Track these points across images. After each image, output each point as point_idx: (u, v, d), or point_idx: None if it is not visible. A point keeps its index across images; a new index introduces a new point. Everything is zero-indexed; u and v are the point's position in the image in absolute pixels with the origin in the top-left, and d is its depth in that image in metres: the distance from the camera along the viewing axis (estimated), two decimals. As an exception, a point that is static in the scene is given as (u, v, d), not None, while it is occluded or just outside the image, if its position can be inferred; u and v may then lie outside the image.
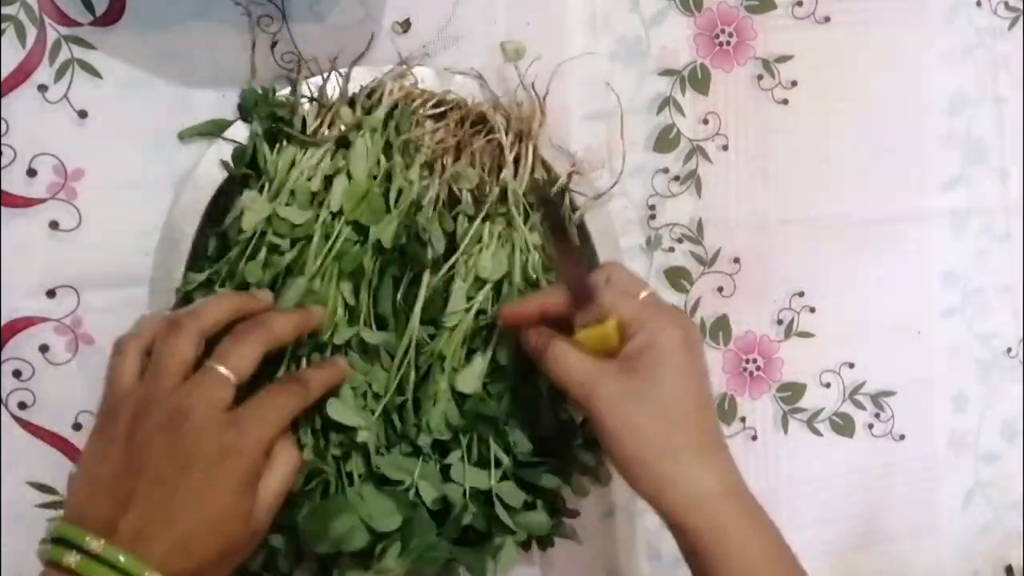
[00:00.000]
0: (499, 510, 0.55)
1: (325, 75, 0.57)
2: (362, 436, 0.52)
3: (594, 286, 0.49)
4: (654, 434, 0.46)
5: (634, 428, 0.46)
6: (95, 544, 0.40)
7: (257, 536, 0.45)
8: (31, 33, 0.54)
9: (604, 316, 0.48)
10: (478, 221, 0.57)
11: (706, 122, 0.66)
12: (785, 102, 0.68)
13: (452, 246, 0.58)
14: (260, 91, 0.56)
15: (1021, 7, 0.73)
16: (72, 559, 0.40)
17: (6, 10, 0.53)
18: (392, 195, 0.55)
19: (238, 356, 0.46)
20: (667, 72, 0.65)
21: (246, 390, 0.46)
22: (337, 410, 0.52)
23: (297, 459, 0.48)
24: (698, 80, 0.66)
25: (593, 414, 0.46)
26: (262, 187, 0.55)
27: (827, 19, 0.68)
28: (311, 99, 0.56)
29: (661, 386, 0.46)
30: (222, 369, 0.45)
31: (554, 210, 0.52)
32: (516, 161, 0.58)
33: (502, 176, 0.58)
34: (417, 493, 0.54)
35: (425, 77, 0.59)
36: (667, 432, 0.46)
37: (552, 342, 0.49)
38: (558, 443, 0.58)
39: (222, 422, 0.43)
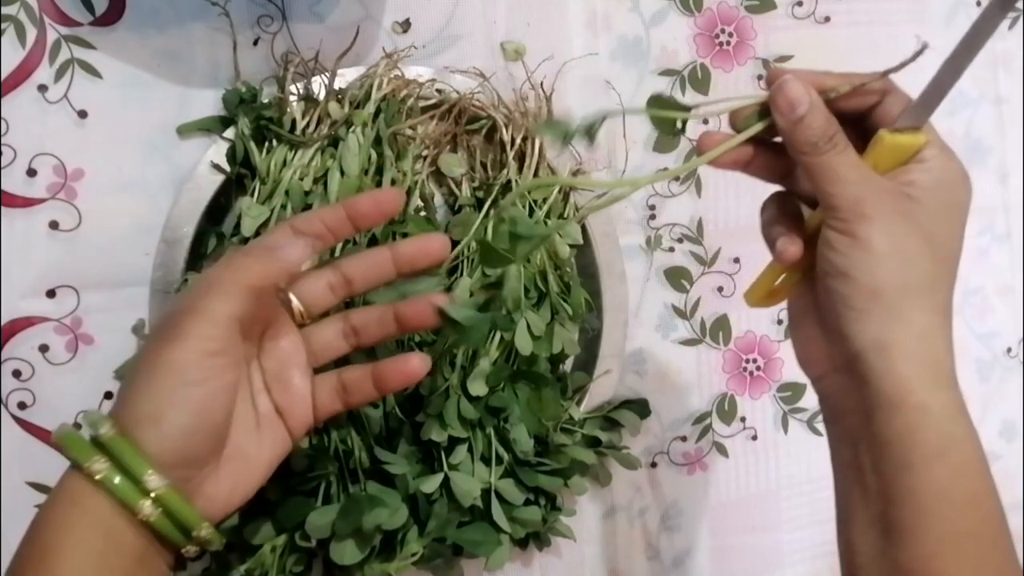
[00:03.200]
0: (495, 508, 0.55)
1: (327, 75, 0.57)
2: None
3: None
4: (921, 270, 0.39)
5: (905, 252, 0.38)
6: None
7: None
8: (31, 33, 0.54)
9: (917, 128, 0.41)
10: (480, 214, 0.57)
11: (706, 122, 0.66)
12: (785, 102, 0.68)
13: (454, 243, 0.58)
14: (244, 91, 0.56)
15: (1021, 7, 0.73)
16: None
17: (6, 10, 0.53)
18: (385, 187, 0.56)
19: None
20: (667, 72, 0.65)
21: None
22: None
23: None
24: (698, 80, 0.66)
25: (859, 225, 0.38)
26: (254, 188, 0.55)
27: (827, 19, 0.68)
28: (300, 97, 0.56)
29: (938, 224, 0.40)
30: None
31: None
32: (520, 158, 0.59)
33: (505, 171, 0.58)
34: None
35: (425, 77, 0.59)
36: (933, 274, 0.39)
37: (839, 136, 0.40)
38: (557, 444, 0.58)
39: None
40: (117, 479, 0.37)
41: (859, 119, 0.42)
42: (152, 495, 0.38)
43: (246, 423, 0.43)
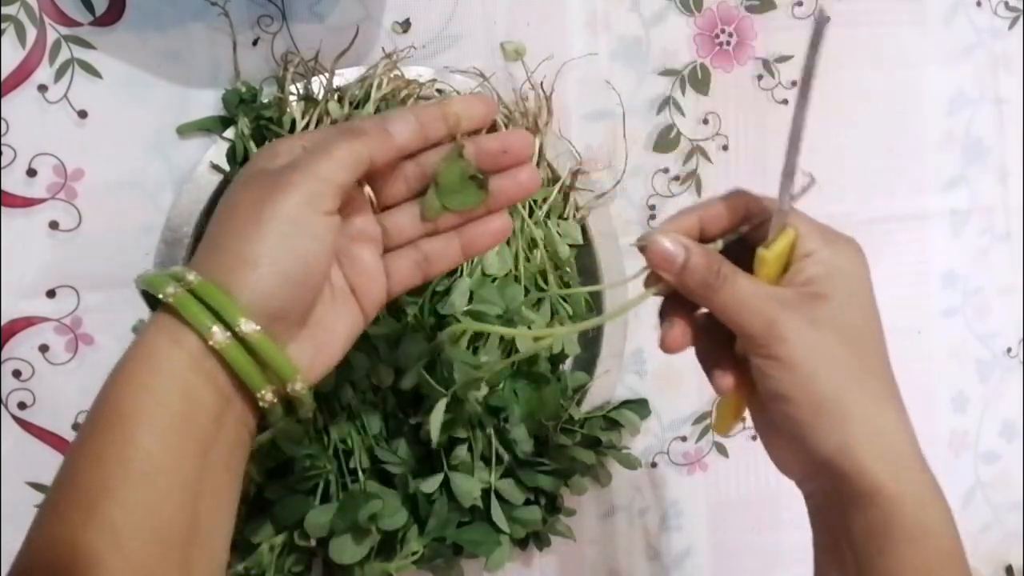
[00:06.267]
0: (494, 508, 0.55)
1: (327, 75, 0.57)
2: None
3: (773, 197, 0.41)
4: (851, 369, 0.39)
5: (830, 360, 0.39)
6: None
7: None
8: (31, 33, 0.54)
9: (781, 228, 0.41)
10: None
11: (706, 122, 0.66)
12: (785, 102, 0.68)
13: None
14: (244, 91, 0.56)
15: (1021, 7, 0.73)
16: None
17: (6, 10, 0.53)
18: None
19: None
20: (667, 72, 0.65)
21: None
22: None
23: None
24: (698, 80, 0.66)
25: (778, 347, 0.39)
26: None
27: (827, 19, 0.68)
28: (299, 97, 0.56)
29: (851, 313, 0.40)
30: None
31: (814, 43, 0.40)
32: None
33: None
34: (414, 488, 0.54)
35: (425, 77, 0.59)
36: (864, 367, 0.40)
37: (724, 267, 0.40)
38: (558, 443, 0.58)
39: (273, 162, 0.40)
40: (213, 327, 0.36)
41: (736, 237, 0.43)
42: (244, 339, 0.36)
43: (324, 296, 0.41)
